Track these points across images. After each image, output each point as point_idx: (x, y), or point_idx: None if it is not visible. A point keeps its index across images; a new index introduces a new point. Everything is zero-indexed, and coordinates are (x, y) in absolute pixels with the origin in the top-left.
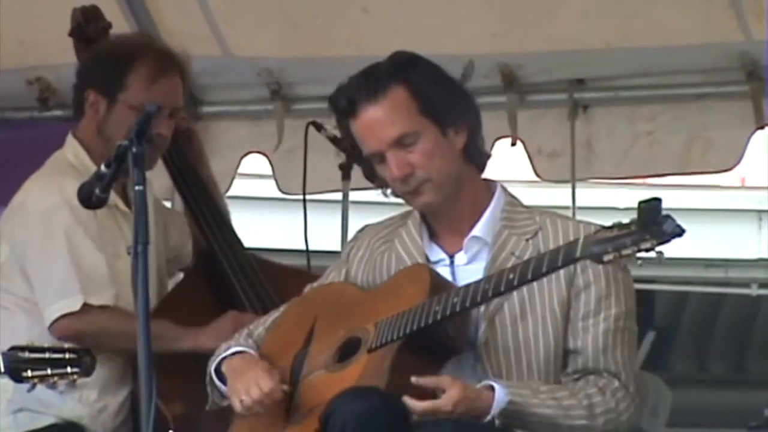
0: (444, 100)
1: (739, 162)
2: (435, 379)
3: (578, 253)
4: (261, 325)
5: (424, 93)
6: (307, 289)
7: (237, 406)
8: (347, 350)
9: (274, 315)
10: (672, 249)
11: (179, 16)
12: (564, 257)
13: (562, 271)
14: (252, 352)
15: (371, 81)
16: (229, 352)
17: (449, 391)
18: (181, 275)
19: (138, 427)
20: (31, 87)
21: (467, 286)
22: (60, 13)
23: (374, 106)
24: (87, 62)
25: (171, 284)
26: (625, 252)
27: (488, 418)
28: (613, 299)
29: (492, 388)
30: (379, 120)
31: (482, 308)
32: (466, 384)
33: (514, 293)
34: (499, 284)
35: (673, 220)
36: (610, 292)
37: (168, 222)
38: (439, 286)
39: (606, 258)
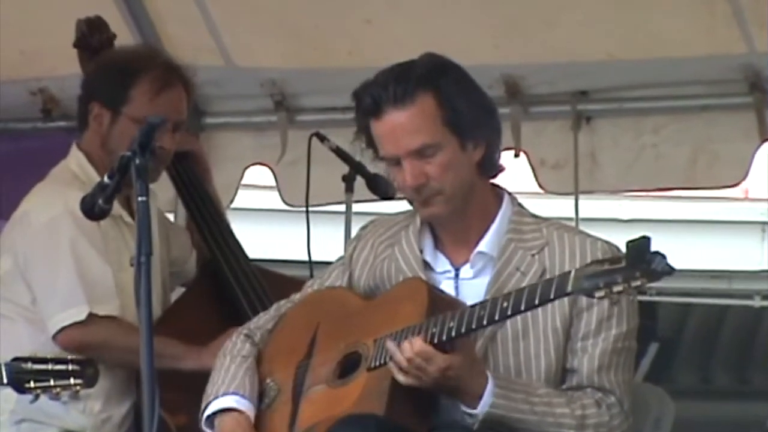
0: (469, 113)
1: (745, 177)
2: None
3: (569, 288)
4: (262, 326)
5: (452, 104)
6: (308, 286)
7: None
8: (347, 365)
9: (273, 313)
10: (675, 260)
11: (182, 27)
12: (556, 291)
13: None
14: (245, 410)
15: (401, 83)
16: (223, 406)
17: (448, 355)
18: (181, 290)
19: None
20: (35, 98)
21: (463, 311)
22: (63, 24)
23: (400, 111)
24: (91, 74)
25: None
26: (615, 289)
27: (472, 412)
28: (615, 320)
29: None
30: (403, 127)
31: None
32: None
33: None
34: (493, 312)
35: (663, 258)
36: (612, 313)
37: (171, 235)
38: (437, 302)
39: (597, 294)
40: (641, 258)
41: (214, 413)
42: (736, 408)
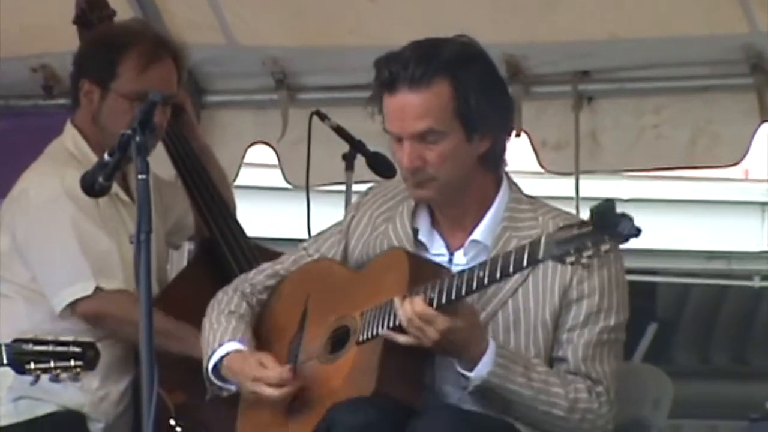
0: (483, 108)
1: (744, 157)
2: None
3: (540, 255)
4: (257, 291)
5: (467, 96)
6: (302, 249)
7: (271, 394)
8: (337, 339)
9: (263, 279)
10: (675, 241)
11: (184, 5)
12: (528, 257)
13: (557, 282)
14: (242, 347)
15: (422, 65)
16: (222, 352)
17: (452, 316)
18: (187, 246)
19: (139, 416)
20: (36, 75)
21: (442, 281)
22: (64, 1)
23: (414, 93)
24: (81, 51)
25: (175, 255)
26: (586, 253)
27: (467, 374)
28: (604, 314)
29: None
30: (413, 108)
31: None
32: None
33: (509, 302)
34: (471, 281)
35: (630, 220)
36: (602, 307)
37: (167, 199)
38: (419, 269)
39: (568, 260)
40: (608, 221)
41: (217, 364)
42: (735, 388)
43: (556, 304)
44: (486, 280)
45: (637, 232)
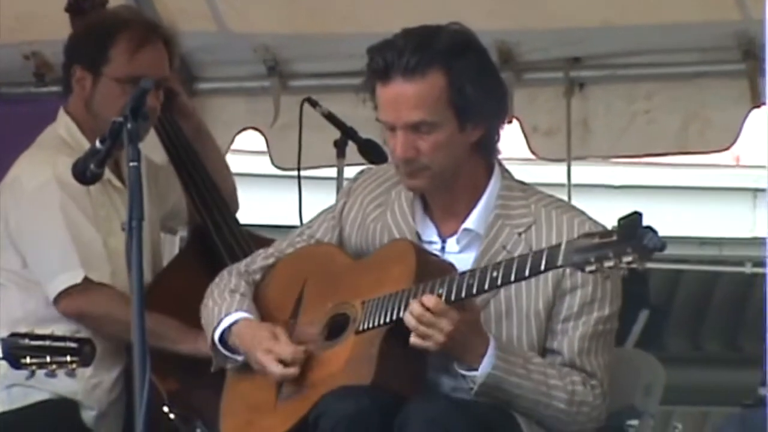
0: (477, 97)
1: (735, 141)
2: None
3: (560, 261)
4: (252, 270)
5: (461, 86)
6: (296, 235)
7: (276, 371)
8: (335, 326)
9: (260, 263)
10: (666, 227)
11: None
12: (546, 263)
13: (550, 272)
14: (251, 317)
15: (416, 54)
16: (230, 320)
17: (454, 311)
18: (180, 233)
19: (132, 403)
20: (28, 62)
21: (452, 278)
22: None
23: (408, 83)
24: (72, 38)
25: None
26: (607, 264)
27: (472, 374)
28: (597, 304)
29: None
30: (407, 99)
31: None
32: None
33: (501, 291)
34: (483, 281)
35: (655, 233)
36: (595, 297)
37: (162, 181)
38: (425, 264)
39: (588, 269)
40: (633, 233)
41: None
42: (727, 375)
43: (550, 294)
44: (500, 281)
45: (662, 246)
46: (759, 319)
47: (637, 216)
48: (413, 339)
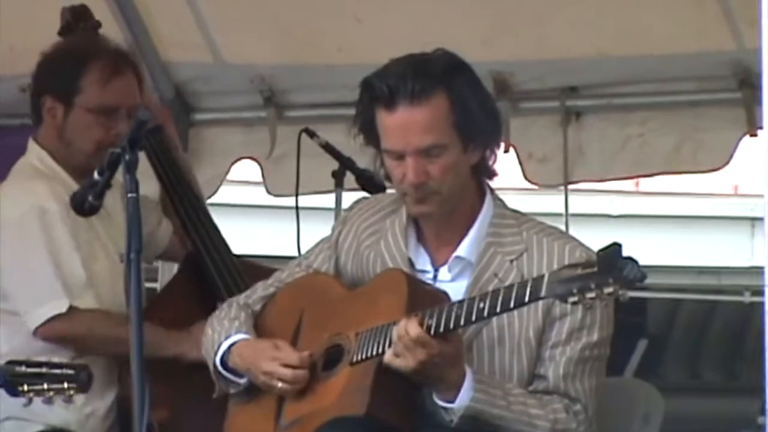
0: (478, 116)
1: (728, 161)
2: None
3: (543, 292)
4: (257, 294)
5: (463, 105)
6: (295, 265)
7: (287, 374)
8: (331, 357)
9: (260, 293)
10: (665, 257)
11: (171, 23)
12: (530, 294)
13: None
14: (250, 337)
15: (419, 78)
16: (230, 342)
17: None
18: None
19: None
20: (24, 94)
21: (441, 309)
22: (52, 20)
23: (415, 108)
24: (40, 68)
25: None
26: (589, 295)
27: (449, 406)
28: (586, 331)
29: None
30: (417, 124)
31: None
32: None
33: (493, 319)
34: (470, 313)
35: (635, 264)
36: (584, 324)
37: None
38: (417, 293)
39: (571, 300)
40: (612, 264)
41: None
42: (725, 404)
43: (540, 321)
44: (486, 313)
45: (642, 277)
46: (758, 348)
47: (617, 247)
48: (387, 355)
